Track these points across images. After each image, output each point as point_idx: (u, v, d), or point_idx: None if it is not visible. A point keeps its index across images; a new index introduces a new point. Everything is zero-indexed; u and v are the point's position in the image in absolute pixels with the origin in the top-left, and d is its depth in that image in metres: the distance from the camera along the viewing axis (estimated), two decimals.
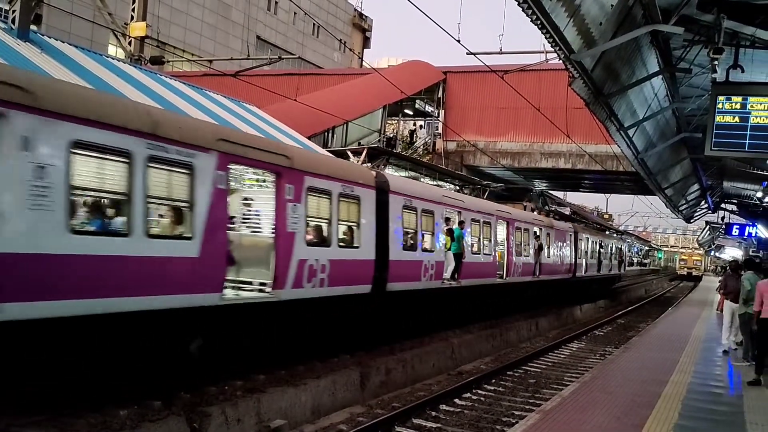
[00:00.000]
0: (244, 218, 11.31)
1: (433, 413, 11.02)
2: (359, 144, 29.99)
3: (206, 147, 8.87)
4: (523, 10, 10.85)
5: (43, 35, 15.24)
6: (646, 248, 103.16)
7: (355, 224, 12.43)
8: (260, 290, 10.33)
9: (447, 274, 16.46)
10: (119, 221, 7.91)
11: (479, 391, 12.87)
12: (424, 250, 15.08)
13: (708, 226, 56.47)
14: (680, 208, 42.03)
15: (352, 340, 12.99)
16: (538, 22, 11.27)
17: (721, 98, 11.69)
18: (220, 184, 9.05)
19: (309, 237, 11.03)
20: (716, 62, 11.68)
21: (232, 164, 9.40)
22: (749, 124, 11.53)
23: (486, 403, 12.06)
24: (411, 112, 41.08)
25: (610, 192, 54.43)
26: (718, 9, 11.36)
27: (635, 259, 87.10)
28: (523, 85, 25.55)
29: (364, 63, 51.52)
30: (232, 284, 9.98)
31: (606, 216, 66.39)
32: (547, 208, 37.01)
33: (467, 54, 16.48)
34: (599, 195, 65.79)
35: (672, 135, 22.96)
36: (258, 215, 11.26)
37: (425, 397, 11.66)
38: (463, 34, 14.38)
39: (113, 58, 17.45)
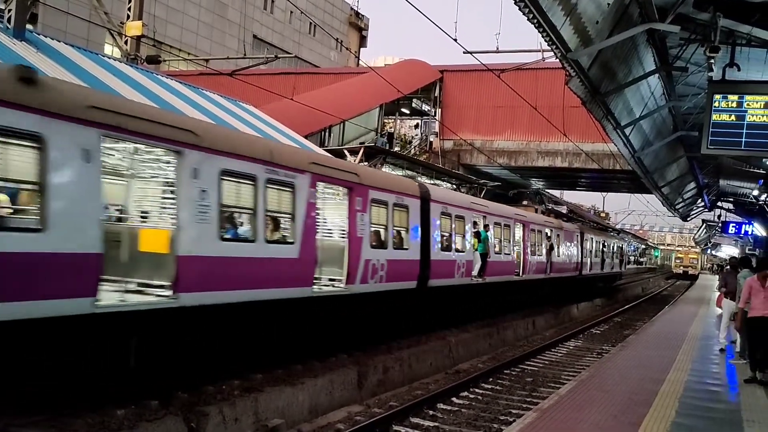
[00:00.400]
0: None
1: (431, 412, 11.02)
2: (363, 142, 30.11)
3: (303, 169, 10.94)
4: (519, 9, 10.87)
5: (39, 34, 15.21)
6: (643, 247, 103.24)
7: (404, 229, 14.51)
8: (332, 285, 12.21)
9: (475, 272, 18.27)
10: (248, 230, 9.90)
11: (477, 390, 12.88)
12: (457, 250, 17.07)
13: (704, 225, 56.61)
14: (677, 207, 42.10)
15: (400, 327, 15.15)
16: (535, 20, 11.28)
17: (717, 96, 11.72)
18: (311, 199, 11.11)
19: (372, 241, 13.03)
20: (712, 61, 11.71)
21: (319, 182, 11.39)
22: (745, 122, 11.56)
23: (483, 401, 12.07)
24: (408, 111, 41.10)
25: (607, 190, 54.55)
26: (714, 7, 11.38)
27: (632, 258, 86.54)
28: (519, 84, 25.55)
29: (360, 62, 51.53)
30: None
31: (603, 214, 66.49)
32: (545, 207, 37.16)
33: (464, 53, 16.53)
34: (596, 193, 65.90)
35: (668, 133, 23.01)
36: (325, 222, 13.00)
37: (423, 396, 11.66)
38: (460, 32, 14.37)
39: (109, 58, 17.42)
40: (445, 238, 16.33)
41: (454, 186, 26.30)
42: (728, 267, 16.81)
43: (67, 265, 7.07)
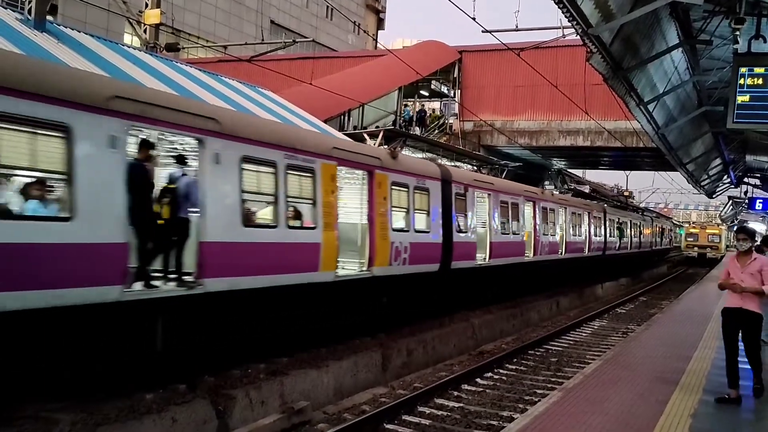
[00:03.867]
0: None
1: (456, 393, 11.06)
2: (402, 119, 30.43)
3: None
4: None
5: (59, 25, 15.31)
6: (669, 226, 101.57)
7: (598, 227, 29.77)
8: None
9: (617, 247, 34.15)
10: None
11: (501, 371, 12.89)
12: (612, 237, 32.93)
13: (731, 201, 55.65)
14: (702, 184, 41.45)
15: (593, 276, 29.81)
16: None
17: (743, 69, 11.43)
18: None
19: (594, 233, 28.35)
20: (738, 33, 11.44)
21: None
22: None
23: (508, 382, 12.08)
24: (427, 93, 40.83)
25: (631, 169, 53.69)
26: None
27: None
28: (539, 63, 25.20)
29: (378, 45, 51.23)
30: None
31: (626, 193, 65.56)
32: (567, 187, 37.07)
33: (483, 32, 16.27)
34: (619, 172, 64.21)
35: (693, 109, 22.59)
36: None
37: (447, 377, 11.69)
38: (478, 11, 14.16)
39: (129, 47, 17.51)
40: (611, 231, 32.37)
41: (475, 167, 26.17)
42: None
43: None
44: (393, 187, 13.20)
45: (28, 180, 7.06)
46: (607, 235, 31.54)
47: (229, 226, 9.14)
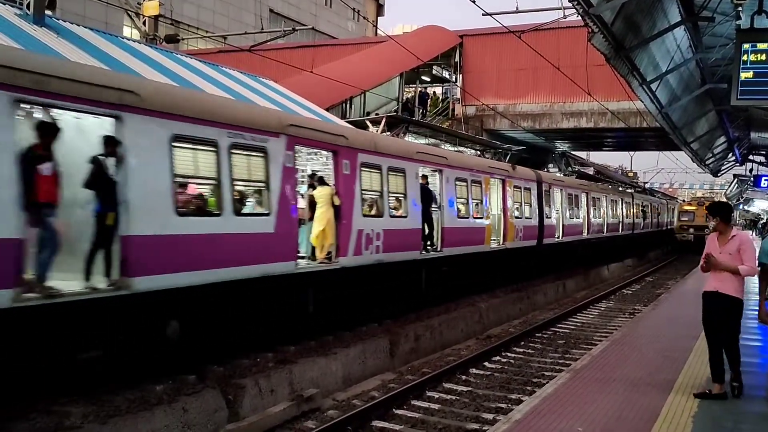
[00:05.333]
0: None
1: (464, 377, 11.11)
2: (414, 102, 30.92)
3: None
4: None
5: (58, 20, 15.28)
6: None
7: (615, 210, 35.75)
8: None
9: (641, 227, 40.44)
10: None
11: (509, 354, 12.94)
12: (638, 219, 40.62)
13: (736, 179, 55.37)
14: (707, 162, 41.24)
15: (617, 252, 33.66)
16: None
17: (746, 46, 11.32)
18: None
19: (635, 217, 39.16)
20: (740, 9, 11.35)
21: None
22: None
23: (516, 365, 12.12)
24: (428, 79, 40.65)
25: (635, 149, 53.39)
26: None
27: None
28: (541, 45, 24.98)
29: (378, 31, 50.98)
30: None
31: (631, 174, 65.32)
32: (571, 169, 36.93)
33: (483, 15, 16.16)
34: (623, 153, 63.55)
35: (696, 87, 22.45)
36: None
37: (455, 362, 11.75)
38: None
39: (129, 39, 17.46)
40: (637, 213, 38.80)
41: (478, 152, 26.06)
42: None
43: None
44: (514, 189, 19.82)
45: (396, 197, 13.69)
46: (635, 217, 38.13)
47: (452, 218, 15.72)
